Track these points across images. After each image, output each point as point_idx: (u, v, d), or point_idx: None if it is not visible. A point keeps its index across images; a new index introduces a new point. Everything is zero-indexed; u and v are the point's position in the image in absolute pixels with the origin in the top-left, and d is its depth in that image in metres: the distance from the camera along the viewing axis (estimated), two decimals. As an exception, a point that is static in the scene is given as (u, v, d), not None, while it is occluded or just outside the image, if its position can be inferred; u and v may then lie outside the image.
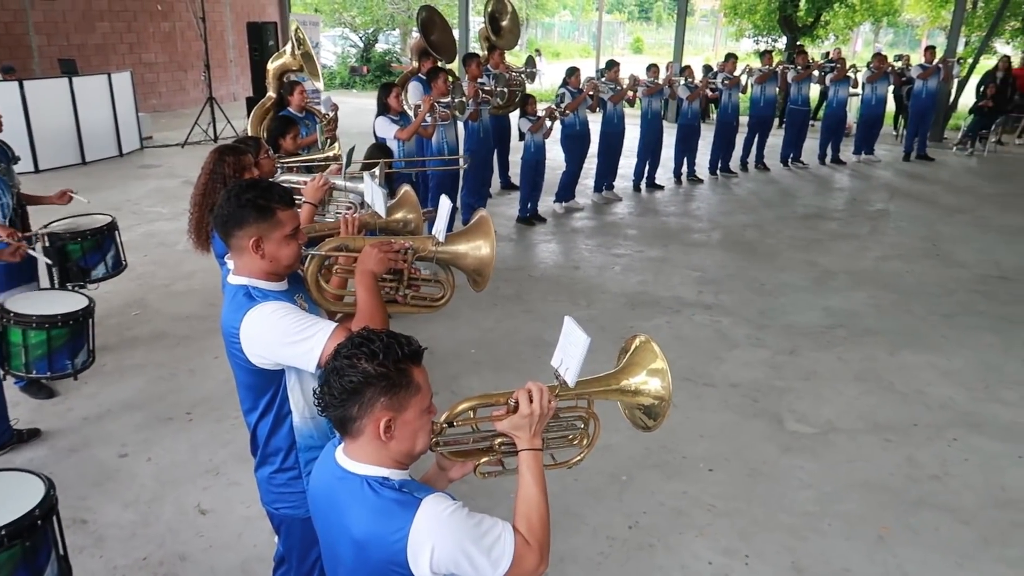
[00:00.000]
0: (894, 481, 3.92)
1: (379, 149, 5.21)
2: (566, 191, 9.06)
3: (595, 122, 9.19)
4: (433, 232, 2.32)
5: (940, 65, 12.10)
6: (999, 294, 6.53)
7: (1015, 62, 15.71)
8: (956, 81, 13.84)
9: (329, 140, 5.83)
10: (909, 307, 6.22)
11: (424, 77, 7.56)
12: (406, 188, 2.78)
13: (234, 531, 3.46)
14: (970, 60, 15.06)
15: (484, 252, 2.30)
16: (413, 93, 7.63)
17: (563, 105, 8.49)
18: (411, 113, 6.91)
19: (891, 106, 14.02)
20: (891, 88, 12.68)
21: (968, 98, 14.19)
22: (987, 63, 16.02)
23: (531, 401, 1.64)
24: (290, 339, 1.96)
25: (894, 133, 14.35)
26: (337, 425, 1.57)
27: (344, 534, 1.54)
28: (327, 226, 2.64)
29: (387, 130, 6.36)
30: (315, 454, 2.13)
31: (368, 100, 13.46)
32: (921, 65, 12.17)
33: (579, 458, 1.82)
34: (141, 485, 3.79)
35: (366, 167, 3.86)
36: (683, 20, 16.10)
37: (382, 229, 2.69)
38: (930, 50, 12.73)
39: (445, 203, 2.33)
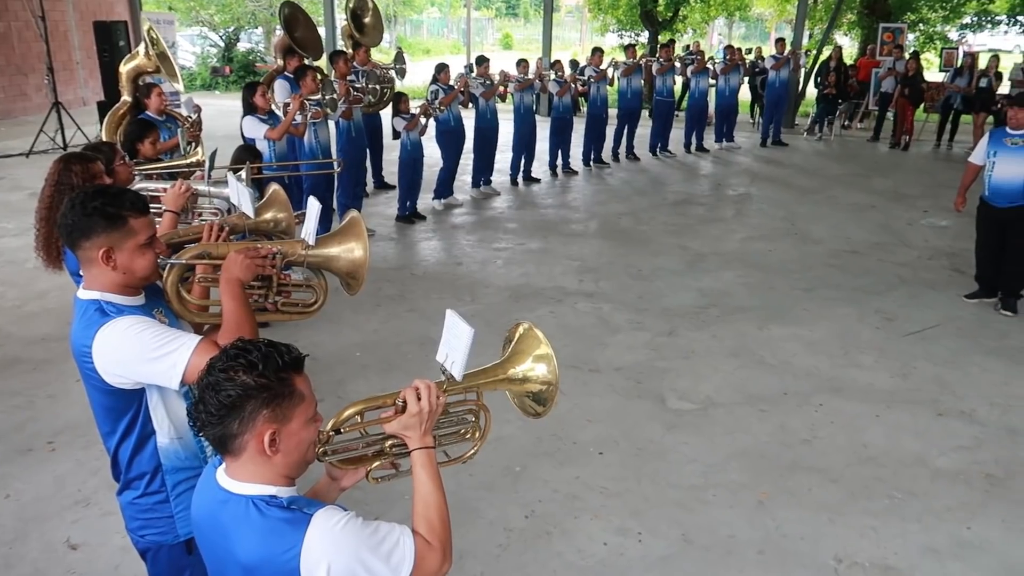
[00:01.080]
0: (770, 448, 4.15)
1: (246, 151, 5.00)
2: (444, 188, 9.03)
3: (469, 118, 9.21)
4: (302, 235, 2.23)
5: (790, 56, 12.91)
6: (851, 267, 7.04)
7: (852, 53, 16.97)
8: (803, 71, 14.79)
9: (193, 144, 5.55)
10: (773, 284, 6.60)
11: (291, 75, 7.33)
12: (275, 187, 2.67)
13: (110, 564, 3.24)
14: (814, 51, 16.13)
15: (357, 254, 2.23)
16: (280, 91, 7.38)
17: (437, 101, 8.45)
18: (280, 112, 6.68)
19: (747, 96, 14.85)
20: (745, 79, 13.41)
21: (813, 87, 15.20)
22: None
23: (419, 399, 1.60)
24: (149, 355, 1.83)
25: (751, 121, 15.19)
26: (216, 444, 1.47)
27: (232, 561, 1.45)
28: (190, 232, 2.50)
29: (256, 130, 6.12)
30: (183, 475, 2.02)
31: (233, 101, 12.92)
32: (774, 56, 12.93)
33: (473, 452, 1.81)
34: (0, 525, 3.48)
35: (234, 170, 3.69)
36: (549, 16, 16.40)
37: (251, 231, 2.58)
38: (781, 42, 13.56)
39: (314, 205, 2.25)
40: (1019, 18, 18.72)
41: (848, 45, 20.94)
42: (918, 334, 5.58)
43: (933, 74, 15.00)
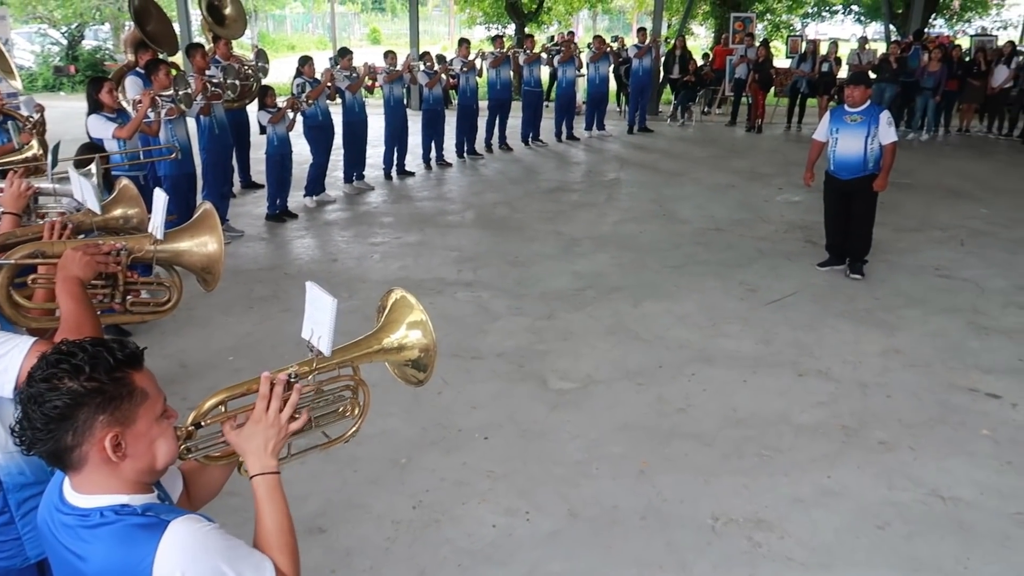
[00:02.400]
0: (648, 419, 4.30)
1: (90, 148, 4.67)
2: (315, 184, 8.79)
3: (337, 113, 9.01)
4: (150, 229, 2.10)
5: (651, 45, 13.38)
6: (715, 244, 7.40)
7: (708, 42, 17.78)
8: (663, 60, 15.38)
9: (25, 145, 5.12)
10: (645, 263, 6.84)
11: (142, 71, 6.92)
12: (125, 182, 2.51)
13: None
14: (673, 41, 16.81)
15: (211, 248, 2.12)
16: (131, 88, 6.98)
17: (304, 95, 8.21)
18: (131, 110, 6.29)
19: (613, 85, 15.27)
20: (611, 68, 13.79)
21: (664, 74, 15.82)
22: (689, 43, 17.96)
23: (267, 407, 1.46)
24: None
25: (618, 109, 15.65)
26: (52, 460, 1.33)
27: None
28: (28, 231, 2.31)
29: (103, 129, 5.72)
30: (29, 492, 1.85)
31: (80, 103, 12.03)
32: (636, 45, 13.36)
33: (354, 430, 1.72)
34: None
35: (79, 164, 3.43)
36: (415, 9, 16.27)
37: (99, 228, 2.41)
38: (642, 31, 14.04)
39: (160, 196, 2.13)
40: (853, 7, 20.24)
41: (704, 35, 21.97)
42: (778, 302, 5.93)
43: (781, 61, 15.97)
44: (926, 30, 16.19)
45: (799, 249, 7.21)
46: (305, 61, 8.53)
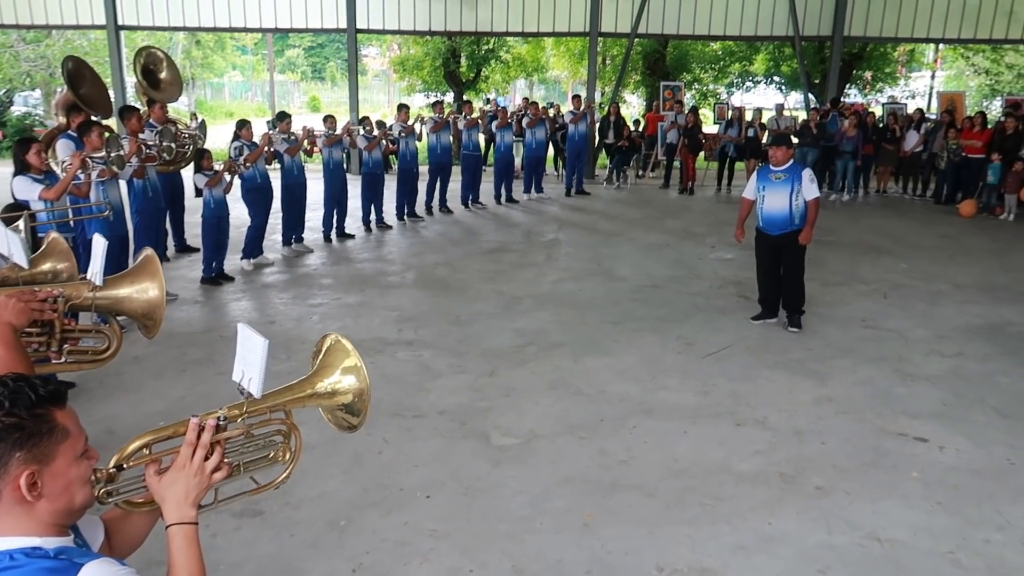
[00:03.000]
0: (591, 472, 4.30)
1: (16, 208, 4.55)
2: (253, 246, 8.69)
3: (276, 176, 8.99)
4: (89, 276, 2.06)
5: (586, 111, 13.84)
6: (653, 300, 7.55)
7: (640, 109, 18.46)
8: (598, 125, 15.90)
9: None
10: (585, 319, 6.92)
11: (74, 133, 6.82)
12: (54, 235, 2.46)
13: None
14: (607, 107, 17.42)
15: (153, 294, 2.09)
16: (63, 150, 6.85)
17: (242, 158, 8.18)
18: (60, 172, 6.17)
19: (550, 150, 15.68)
20: (548, 133, 14.20)
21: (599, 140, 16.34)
22: (622, 110, 18.63)
23: (192, 453, 1.42)
24: None
25: (555, 173, 16.03)
26: None
27: None
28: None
29: (29, 190, 5.57)
30: None
31: (6, 167, 11.75)
32: (571, 112, 13.80)
33: (285, 476, 1.68)
34: None
35: (6, 221, 3.33)
36: (355, 78, 16.49)
37: (27, 283, 2.34)
38: (577, 98, 14.53)
39: (99, 242, 2.10)
40: (774, 78, 21.39)
41: (636, 102, 22.84)
42: (714, 355, 6.05)
43: (710, 127, 16.68)
44: (842, 98, 17.17)
45: (733, 304, 7.41)
46: (243, 124, 8.54)
